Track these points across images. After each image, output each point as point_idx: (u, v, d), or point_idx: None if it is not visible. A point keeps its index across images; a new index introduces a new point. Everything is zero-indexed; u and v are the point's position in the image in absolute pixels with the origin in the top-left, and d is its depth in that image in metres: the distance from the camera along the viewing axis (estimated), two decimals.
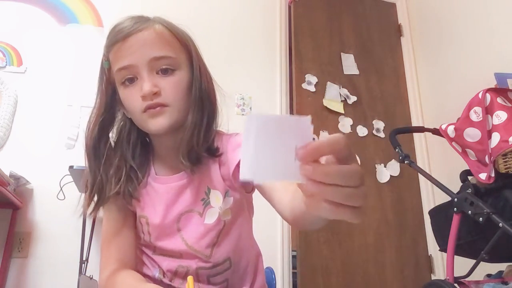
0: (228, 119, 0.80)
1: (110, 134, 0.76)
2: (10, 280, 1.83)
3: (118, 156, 0.74)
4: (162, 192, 0.76)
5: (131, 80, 0.69)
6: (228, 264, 0.76)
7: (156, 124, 0.68)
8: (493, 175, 1.29)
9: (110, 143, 0.75)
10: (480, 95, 1.35)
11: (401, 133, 1.73)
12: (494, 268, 1.47)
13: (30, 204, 1.96)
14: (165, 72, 0.69)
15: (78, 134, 2.11)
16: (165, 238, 0.75)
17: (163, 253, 0.76)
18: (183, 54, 0.74)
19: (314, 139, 0.36)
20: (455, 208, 1.31)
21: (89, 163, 0.73)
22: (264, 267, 0.87)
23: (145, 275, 0.77)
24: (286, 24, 2.73)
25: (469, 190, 1.28)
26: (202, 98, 0.72)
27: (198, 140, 0.70)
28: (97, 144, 0.73)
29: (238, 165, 0.71)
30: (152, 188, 0.77)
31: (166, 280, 0.75)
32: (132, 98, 0.69)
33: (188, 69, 0.73)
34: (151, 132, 0.73)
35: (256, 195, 0.79)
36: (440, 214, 1.49)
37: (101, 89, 0.74)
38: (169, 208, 0.75)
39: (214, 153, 0.74)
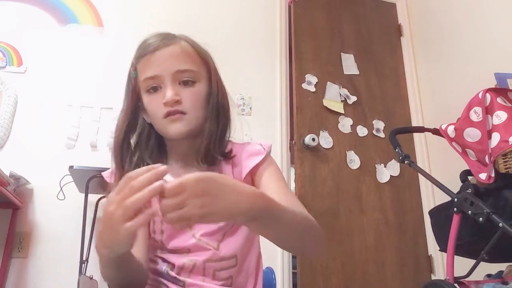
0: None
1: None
2: (10, 280, 1.83)
3: (137, 156, 0.81)
4: None
5: (155, 89, 0.77)
6: (234, 261, 0.77)
7: (175, 129, 0.77)
8: (493, 175, 1.29)
9: (131, 145, 0.82)
10: (480, 95, 1.35)
11: (401, 133, 1.73)
12: (494, 268, 1.47)
13: (30, 204, 1.96)
14: (186, 83, 0.78)
15: (78, 134, 2.11)
16: (177, 236, 0.78)
17: (172, 251, 0.78)
18: (203, 69, 0.82)
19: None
20: (455, 208, 1.31)
21: (116, 161, 0.80)
22: (264, 267, 0.87)
23: (151, 269, 0.78)
24: (286, 24, 2.73)
25: (469, 190, 1.28)
26: (218, 109, 0.81)
27: (214, 146, 0.79)
28: (122, 146, 0.80)
29: (250, 172, 0.80)
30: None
31: (172, 273, 0.77)
32: (155, 104, 0.77)
33: (207, 82, 0.82)
34: (169, 137, 0.80)
35: None
36: (440, 214, 1.49)
37: (128, 97, 0.82)
38: None
39: (227, 156, 0.82)
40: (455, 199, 1.32)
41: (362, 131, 2.52)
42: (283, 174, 0.94)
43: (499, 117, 1.29)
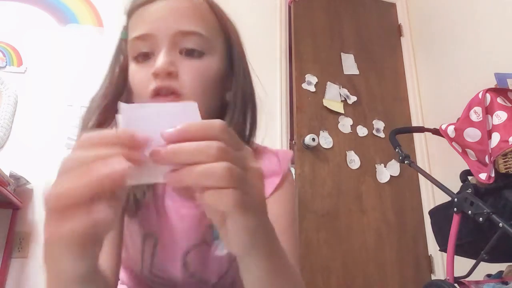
0: None
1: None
2: (10, 280, 1.83)
3: None
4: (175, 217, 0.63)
5: (146, 56, 0.55)
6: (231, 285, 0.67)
7: None
8: (493, 175, 1.29)
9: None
10: (480, 95, 1.35)
11: (401, 133, 1.73)
12: (494, 268, 1.47)
13: (30, 204, 1.96)
14: (191, 53, 0.55)
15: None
16: (166, 264, 0.62)
17: (155, 279, 0.64)
18: (219, 36, 0.60)
19: None
20: (455, 208, 1.31)
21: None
22: None
23: None
24: (286, 24, 2.73)
25: (469, 190, 1.28)
26: (244, 97, 0.61)
27: None
28: (105, 116, 0.59)
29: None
30: (165, 209, 0.62)
31: None
32: (141, 77, 0.55)
33: (223, 58, 0.59)
34: None
35: None
36: (440, 214, 1.49)
37: (112, 69, 0.61)
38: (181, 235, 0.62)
39: None
40: (455, 199, 1.32)
41: (362, 131, 2.52)
42: None
43: (499, 117, 1.29)
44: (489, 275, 1.47)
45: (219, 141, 0.30)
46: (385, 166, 2.48)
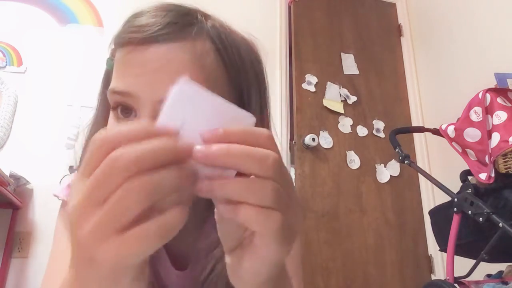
0: None
1: None
2: (10, 280, 1.83)
3: None
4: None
5: (126, 112, 0.44)
6: None
7: None
8: (493, 175, 1.29)
9: None
10: (480, 95, 1.35)
11: (401, 133, 1.73)
12: (494, 268, 1.47)
13: (30, 204, 1.96)
14: None
15: (78, 134, 2.11)
16: None
17: None
18: (227, 97, 0.50)
19: None
20: (455, 208, 1.31)
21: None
22: None
23: None
24: (286, 24, 2.73)
25: (469, 190, 1.28)
26: None
27: None
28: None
29: None
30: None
31: None
32: None
33: None
34: None
35: None
36: (440, 214, 1.49)
37: (102, 99, 0.53)
38: None
39: None
40: (455, 199, 1.32)
41: (362, 131, 2.52)
42: None
43: (499, 117, 1.29)
44: (489, 275, 1.47)
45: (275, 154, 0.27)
46: (385, 166, 2.48)
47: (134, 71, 0.43)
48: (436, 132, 1.59)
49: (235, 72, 0.48)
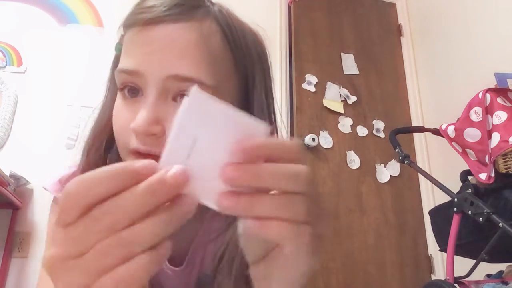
0: None
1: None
2: (10, 280, 1.83)
3: None
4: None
5: (134, 92, 0.45)
6: None
7: None
8: (493, 175, 1.29)
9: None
10: (480, 95, 1.35)
11: (401, 133, 1.73)
12: (494, 268, 1.47)
13: (30, 204, 1.96)
14: None
15: (78, 134, 2.11)
16: None
17: None
18: (231, 79, 0.48)
19: None
20: (455, 208, 1.32)
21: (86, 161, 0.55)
22: None
23: None
24: (286, 24, 2.73)
25: (469, 190, 1.28)
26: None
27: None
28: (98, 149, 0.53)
29: None
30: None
31: None
32: (124, 119, 0.45)
33: (234, 101, 0.48)
34: None
35: None
36: (440, 214, 1.49)
37: (110, 85, 0.53)
38: None
39: None
40: (455, 199, 1.32)
41: (362, 131, 2.52)
42: None
43: (499, 117, 1.29)
44: (489, 275, 1.47)
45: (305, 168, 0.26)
46: (385, 166, 2.48)
47: (141, 50, 0.43)
48: (436, 132, 1.59)
49: (241, 55, 0.48)
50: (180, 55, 0.43)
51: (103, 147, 0.53)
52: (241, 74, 0.49)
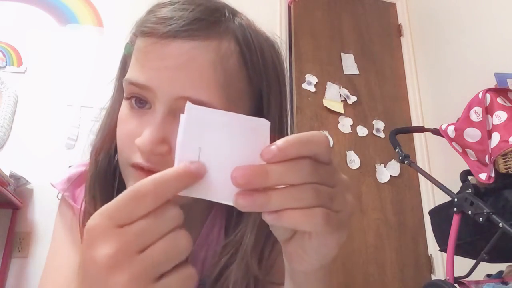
0: None
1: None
2: (10, 280, 1.83)
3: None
4: None
5: (141, 103, 0.44)
6: None
7: None
8: (493, 175, 1.29)
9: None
10: (480, 95, 1.35)
11: (401, 133, 1.73)
12: (494, 268, 1.47)
13: (30, 204, 1.96)
14: None
15: (78, 134, 2.11)
16: None
17: None
18: (244, 98, 0.47)
19: None
20: (455, 208, 1.31)
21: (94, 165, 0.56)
22: None
23: None
24: (286, 24, 2.73)
25: (469, 190, 1.28)
26: None
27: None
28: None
29: None
30: None
31: None
32: (128, 130, 0.44)
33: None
34: None
35: None
36: (440, 214, 1.49)
37: (118, 85, 0.52)
38: None
39: None
40: (455, 199, 1.32)
41: (362, 131, 2.52)
42: None
43: (499, 117, 1.29)
44: (489, 275, 1.47)
45: (311, 159, 0.28)
46: (385, 166, 2.48)
47: (154, 64, 0.42)
48: (436, 132, 1.59)
49: (257, 74, 0.47)
50: (194, 77, 0.41)
51: (112, 149, 0.52)
52: (254, 93, 0.48)
